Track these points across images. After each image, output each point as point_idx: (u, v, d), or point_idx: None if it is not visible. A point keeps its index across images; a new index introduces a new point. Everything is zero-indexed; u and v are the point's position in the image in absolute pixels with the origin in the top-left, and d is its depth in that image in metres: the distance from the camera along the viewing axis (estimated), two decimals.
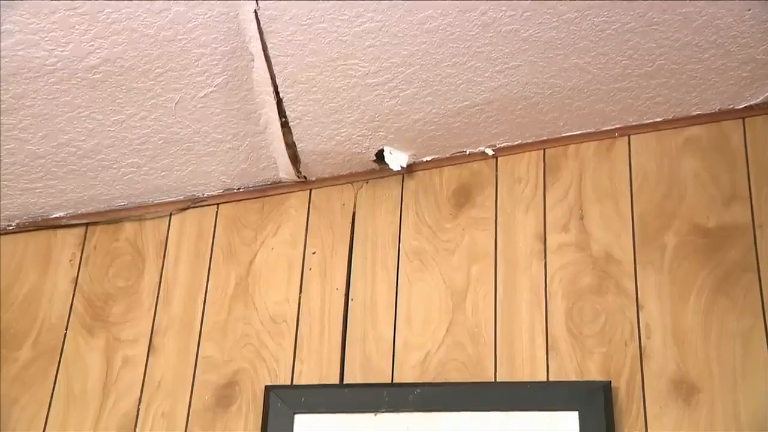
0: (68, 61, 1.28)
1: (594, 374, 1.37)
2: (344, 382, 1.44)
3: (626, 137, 1.53)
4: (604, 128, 1.54)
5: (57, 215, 1.63)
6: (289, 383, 1.45)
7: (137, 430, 1.46)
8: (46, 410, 1.49)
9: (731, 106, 1.50)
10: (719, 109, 1.51)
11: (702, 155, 1.50)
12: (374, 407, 1.40)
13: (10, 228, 1.63)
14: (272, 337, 1.50)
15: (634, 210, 1.48)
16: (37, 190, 1.56)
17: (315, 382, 1.45)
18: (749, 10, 1.31)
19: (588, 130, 1.54)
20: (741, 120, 1.50)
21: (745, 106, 1.50)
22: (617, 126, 1.53)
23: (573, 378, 1.38)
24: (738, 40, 1.36)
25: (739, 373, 1.33)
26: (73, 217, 1.62)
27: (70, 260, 1.60)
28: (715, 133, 1.51)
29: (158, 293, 1.56)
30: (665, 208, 1.47)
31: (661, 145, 1.52)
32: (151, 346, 1.52)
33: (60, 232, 1.62)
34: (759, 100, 1.48)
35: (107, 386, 1.49)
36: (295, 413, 1.40)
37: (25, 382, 1.52)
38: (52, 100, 1.35)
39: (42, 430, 1.48)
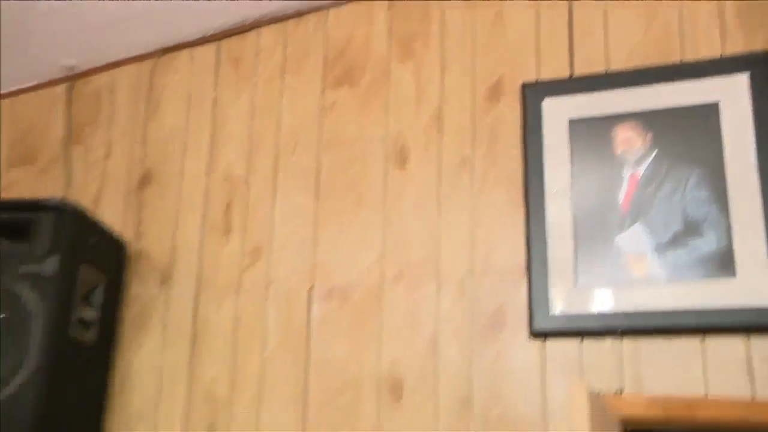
0: None
1: (760, 46, 1.50)
2: (573, 75, 1.63)
3: None
4: None
5: None
6: (535, 80, 1.66)
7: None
8: None
9: None
10: None
11: None
12: (594, 88, 1.59)
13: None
14: (522, 56, 1.68)
15: None
16: None
17: (552, 77, 1.64)
18: None
19: None
20: None
21: None
22: None
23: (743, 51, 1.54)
24: None
25: None
26: None
27: None
28: None
29: None
30: None
31: None
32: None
33: None
34: None
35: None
36: (543, 98, 1.63)
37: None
38: None
39: None
